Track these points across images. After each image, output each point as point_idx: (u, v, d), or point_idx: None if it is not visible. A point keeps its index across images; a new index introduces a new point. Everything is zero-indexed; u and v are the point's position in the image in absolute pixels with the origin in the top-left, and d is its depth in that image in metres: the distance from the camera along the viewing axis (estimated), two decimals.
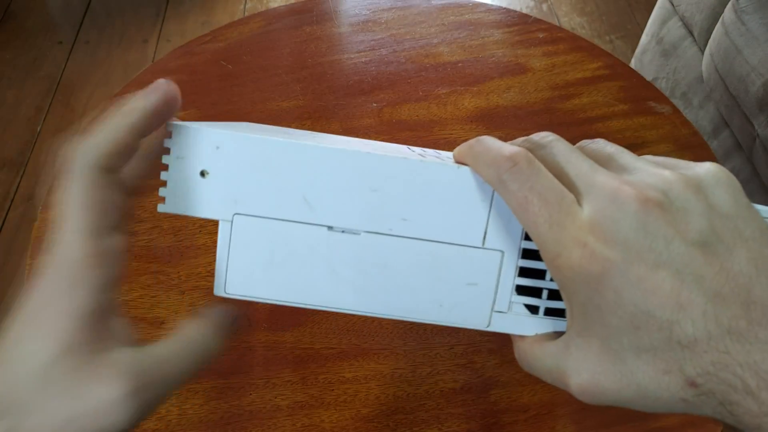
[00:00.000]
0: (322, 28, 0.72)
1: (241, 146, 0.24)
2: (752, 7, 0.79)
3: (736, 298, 0.20)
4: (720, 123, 0.92)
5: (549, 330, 0.26)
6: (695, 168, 0.24)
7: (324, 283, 0.25)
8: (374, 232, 0.24)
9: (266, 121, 0.63)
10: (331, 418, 0.44)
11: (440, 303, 0.25)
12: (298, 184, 0.24)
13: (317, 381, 0.45)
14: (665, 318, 0.21)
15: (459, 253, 0.25)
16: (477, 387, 0.46)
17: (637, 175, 0.23)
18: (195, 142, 0.23)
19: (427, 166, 0.24)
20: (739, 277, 0.21)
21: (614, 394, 0.22)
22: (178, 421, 0.44)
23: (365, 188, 0.24)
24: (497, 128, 0.62)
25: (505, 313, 0.26)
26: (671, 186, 0.22)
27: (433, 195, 0.24)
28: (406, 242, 0.25)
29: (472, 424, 0.44)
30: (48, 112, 1.41)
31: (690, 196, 0.22)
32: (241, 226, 0.24)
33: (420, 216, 0.25)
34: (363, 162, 0.24)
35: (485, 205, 0.25)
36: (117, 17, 1.63)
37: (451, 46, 0.70)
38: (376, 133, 0.62)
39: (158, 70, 0.68)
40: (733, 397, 0.20)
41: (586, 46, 0.70)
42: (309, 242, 0.24)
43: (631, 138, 0.61)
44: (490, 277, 0.25)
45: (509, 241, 0.25)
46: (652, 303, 0.21)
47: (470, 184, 0.25)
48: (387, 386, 0.45)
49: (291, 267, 0.24)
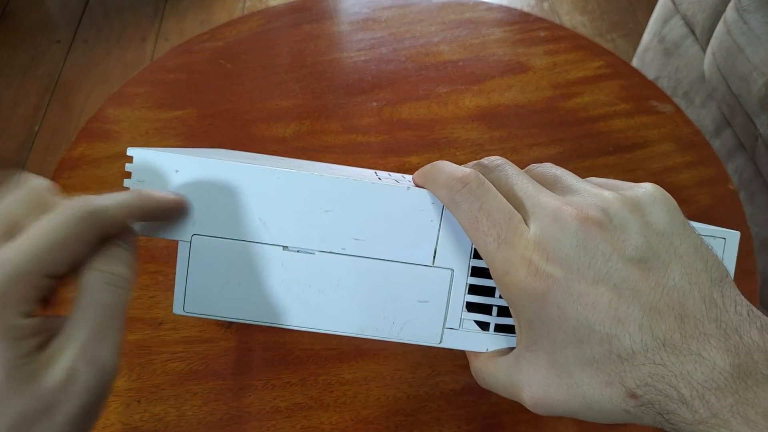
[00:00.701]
0: (321, 27, 0.72)
1: (199, 170, 0.25)
2: (754, 6, 0.79)
3: (670, 312, 0.21)
4: (722, 122, 0.91)
5: (502, 346, 0.27)
6: (634, 188, 0.25)
7: (279, 301, 0.26)
8: (328, 252, 0.25)
9: (266, 121, 0.63)
10: (331, 420, 0.44)
11: (393, 320, 0.26)
12: (254, 206, 0.25)
13: (317, 382, 0.45)
14: (605, 332, 0.22)
15: (410, 272, 0.26)
16: (478, 388, 0.45)
17: (579, 196, 0.25)
18: (155, 167, 0.24)
19: (378, 188, 0.25)
20: (674, 291, 0.22)
21: (562, 406, 0.23)
22: (177, 422, 0.43)
23: (319, 209, 0.25)
24: (498, 127, 0.61)
25: (457, 329, 0.27)
26: (610, 205, 0.23)
27: (384, 215, 0.26)
28: (359, 261, 0.26)
29: (473, 426, 0.44)
30: (46, 112, 1.40)
31: (627, 215, 0.23)
32: (200, 246, 0.25)
33: (372, 236, 0.26)
34: (316, 184, 0.25)
35: (435, 225, 0.26)
36: (115, 16, 1.63)
37: (452, 44, 0.70)
38: (376, 132, 0.62)
39: (157, 69, 0.67)
40: (670, 407, 0.21)
41: (587, 45, 0.69)
42: (264, 262, 0.25)
43: (632, 137, 0.60)
44: (440, 295, 0.26)
45: (459, 259, 0.26)
46: (592, 317, 0.22)
47: (420, 205, 0.26)
48: (387, 388, 0.45)
49: (247, 286, 0.25)
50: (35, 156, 1.32)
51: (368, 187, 0.25)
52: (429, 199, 0.26)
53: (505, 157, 0.27)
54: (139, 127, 0.62)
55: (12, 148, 1.34)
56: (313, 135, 0.62)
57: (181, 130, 0.62)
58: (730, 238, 0.28)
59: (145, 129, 0.62)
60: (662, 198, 0.24)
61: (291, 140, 0.61)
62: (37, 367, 0.20)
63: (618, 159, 0.58)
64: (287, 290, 0.26)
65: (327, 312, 0.26)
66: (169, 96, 0.64)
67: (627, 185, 0.26)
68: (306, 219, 0.25)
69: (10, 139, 1.35)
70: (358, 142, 0.61)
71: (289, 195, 0.25)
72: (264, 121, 0.63)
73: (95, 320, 0.22)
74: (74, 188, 0.58)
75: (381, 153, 0.60)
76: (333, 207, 0.25)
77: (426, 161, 0.59)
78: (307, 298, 0.26)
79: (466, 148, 0.60)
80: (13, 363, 0.20)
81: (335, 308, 0.26)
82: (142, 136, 0.61)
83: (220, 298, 0.25)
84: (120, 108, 0.64)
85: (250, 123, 0.63)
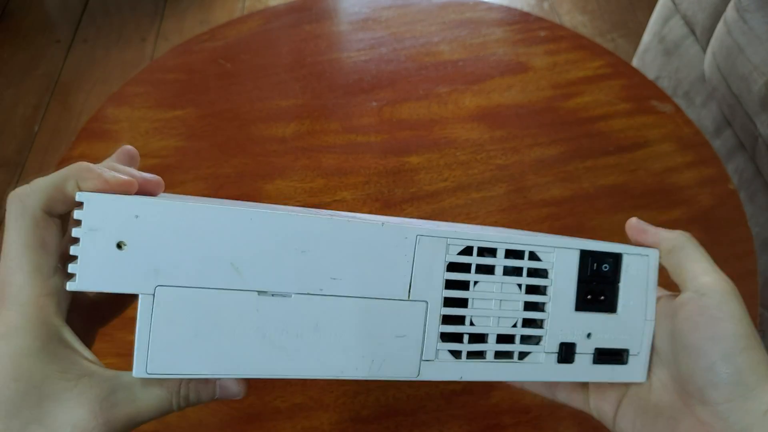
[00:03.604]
0: (321, 27, 0.72)
1: (162, 214, 0.23)
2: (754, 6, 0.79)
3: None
4: (722, 122, 0.91)
5: (474, 374, 0.27)
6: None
7: (255, 351, 0.24)
8: (305, 293, 0.25)
9: (265, 121, 0.63)
10: (331, 420, 0.44)
11: (372, 358, 0.26)
12: (224, 250, 0.23)
13: (317, 383, 0.45)
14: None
15: (387, 307, 0.26)
16: (478, 388, 0.45)
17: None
18: (110, 212, 0.22)
19: (354, 226, 0.25)
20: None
21: None
22: (178, 423, 0.43)
23: (294, 250, 0.24)
24: (498, 127, 0.61)
25: (433, 361, 0.27)
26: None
27: (360, 253, 0.25)
28: (337, 301, 0.25)
29: (474, 426, 0.44)
30: (46, 111, 1.40)
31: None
32: (164, 298, 0.23)
33: (349, 274, 0.25)
34: (290, 224, 0.24)
35: (409, 260, 0.26)
36: (115, 16, 1.63)
37: (452, 44, 0.70)
38: (376, 132, 0.62)
39: (156, 69, 0.67)
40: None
41: (587, 45, 0.69)
42: (238, 309, 0.24)
43: (633, 137, 0.60)
44: (417, 328, 0.26)
45: (431, 291, 0.26)
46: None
47: (393, 240, 0.26)
48: (387, 388, 0.45)
49: (219, 337, 0.24)
50: (35, 156, 1.32)
51: (343, 224, 0.25)
52: (403, 234, 0.26)
53: (505, 157, 0.27)
54: (139, 126, 0.62)
55: (12, 148, 1.33)
56: (313, 135, 0.62)
57: (180, 130, 0.62)
58: (652, 255, 0.30)
59: (145, 129, 0.62)
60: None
61: (291, 140, 0.61)
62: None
63: (618, 159, 0.58)
64: (263, 338, 0.24)
65: (305, 357, 0.25)
66: (168, 96, 0.64)
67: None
68: (281, 261, 0.24)
69: (10, 139, 1.35)
70: (358, 142, 0.61)
71: (262, 237, 0.24)
72: (264, 121, 0.63)
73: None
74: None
75: (381, 153, 0.60)
76: (309, 247, 0.24)
77: (426, 161, 0.59)
78: (285, 345, 0.24)
79: (466, 148, 0.60)
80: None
81: (314, 352, 0.25)
82: (141, 136, 0.61)
83: (189, 355, 0.23)
84: (120, 108, 0.64)
85: (250, 123, 0.62)
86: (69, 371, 0.23)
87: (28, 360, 0.22)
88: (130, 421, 0.24)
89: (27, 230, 0.23)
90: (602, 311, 0.29)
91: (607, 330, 0.29)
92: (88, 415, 0.22)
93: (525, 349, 0.28)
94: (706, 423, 0.27)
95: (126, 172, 0.24)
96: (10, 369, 0.22)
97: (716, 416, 0.26)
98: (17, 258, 0.22)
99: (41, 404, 0.22)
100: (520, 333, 0.28)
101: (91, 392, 0.23)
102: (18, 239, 0.22)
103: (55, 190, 0.23)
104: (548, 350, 0.28)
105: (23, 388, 0.22)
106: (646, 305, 0.30)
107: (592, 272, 0.29)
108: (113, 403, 0.23)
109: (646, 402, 0.30)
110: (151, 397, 0.24)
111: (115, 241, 0.22)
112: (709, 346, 0.26)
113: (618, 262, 0.29)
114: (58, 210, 0.24)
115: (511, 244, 0.28)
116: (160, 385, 0.24)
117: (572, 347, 0.29)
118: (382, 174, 0.58)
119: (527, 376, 0.28)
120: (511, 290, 0.28)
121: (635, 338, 0.30)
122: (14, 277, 0.22)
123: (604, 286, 0.29)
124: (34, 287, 0.23)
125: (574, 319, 0.29)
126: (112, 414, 0.23)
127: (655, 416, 0.29)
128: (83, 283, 0.22)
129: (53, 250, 0.23)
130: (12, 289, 0.22)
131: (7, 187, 1.27)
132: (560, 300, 0.29)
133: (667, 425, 0.28)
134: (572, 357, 0.29)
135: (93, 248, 0.22)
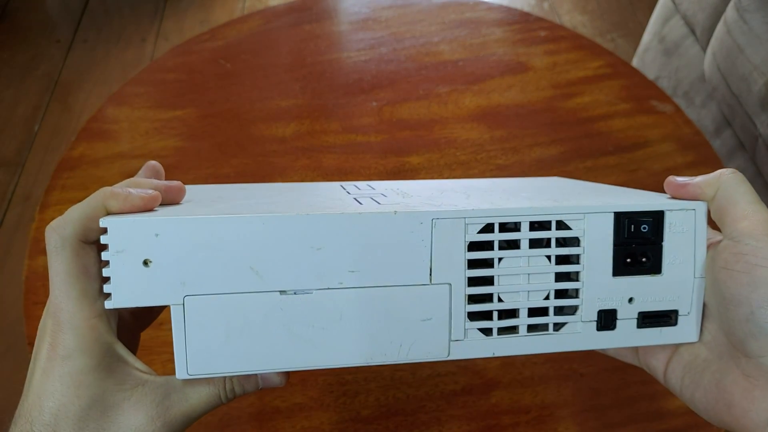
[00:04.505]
0: (321, 27, 0.72)
1: (180, 229, 0.24)
2: (754, 6, 0.79)
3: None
4: (722, 122, 0.91)
5: (507, 349, 0.27)
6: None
7: (284, 346, 0.25)
8: (325, 288, 0.25)
9: (265, 120, 0.63)
10: (331, 420, 0.44)
11: (399, 343, 0.26)
12: (243, 256, 0.25)
13: (317, 383, 0.45)
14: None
15: (409, 293, 0.26)
16: (478, 388, 0.45)
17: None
18: (132, 234, 0.24)
19: (365, 217, 0.25)
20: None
21: None
22: None
23: (309, 248, 0.25)
24: (498, 127, 0.61)
25: (462, 340, 0.27)
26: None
27: (376, 243, 0.25)
28: (358, 292, 0.26)
29: (473, 426, 0.44)
30: (46, 112, 1.40)
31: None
32: (193, 306, 0.25)
33: (367, 265, 0.25)
34: (302, 224, 0.25)
35: (426, 245, 0.26)
36: (115, 16, 1.63)
37: (452, 44, 0.70)
38: (376, 132, 0.62)
39: (156, 69, 0.67)
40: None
41: (587, 45, 0.69)
42: (263, 310, 0.25)
43: (633, 137, 0.60)
44: (442, 310, 0.26)
45: (454, 272, 0.26)
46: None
47: (409, 227, 0.26)
48: (387, 388, 0.45)
49: (249, 337, 0.25)
50: (35, 156, 1.32)
51: (355, 218, 0.25)
52: (417, 219, 0.25)
53: (505, 157, 0.27)
54: (139, 126, 0.62)
55: (12, 148, 1.33)
56: (313, 135, 0.62)
57: (181, 130, 0.62)
58: (699, 208, 0.28)
59: (145, 129, 0.62)
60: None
61: (291, 140, 0.61)
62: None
63: (618, 159, 0.58)
64: (290, 333, 0.25)
65: (333, 347, 0.26)
66: (168, 96, 0.64)
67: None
68: (298, 260, 0.25)
69: (10, 139, 1.35)
70: (358, 141, 0.61)
71: (277, 239, 0.25)
72: (264, 121, 0.63)
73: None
74: (74, 188, 0.58)
75: (381, 153, 0.60)
76: (323, 244, 0.25)
77: (426, 161, 0.59)
78: (312, 338, 0.25)
79: (466, 147, 0.60)
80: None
81: (341, 342, 0.26)
82: (141, 136, 0.61)
83: (224, 355, 0.25)
84: (120, 108, 0.64)
85: (250, 123, 0.62)
86: (125, 383, 0.26)
87: (88, 377, 0.25)
88: (186, 418, 0.26)
89: (68, 260, 0.25)
90: (645, 273, 0.27)
91: (651, 293, 0.27)
92: (146, 420, 0.25)
93: (560, 321, 0.27)
94: (750, 377, 0.25)
95: (149, 184, 0.27)
96: (74, 387, 0.24)
97: (760, 369, 0.25)
98: (64, 287, 0.24)
99: (104, 416, 0.25)
100: (553, 305, 0.27)
101: (146, 399, 0.26)
102: (62, 270, 0.25)
103: (88, 220, 0.25)
104: (585, 319, 0.27)
105: (86, 403, 0.24)
106: (695, 262, 0.28)
107: (630, 234, 0.27)
108: (168, 406, 0.26)
109: (695, 357, 0.28)
110: (201, 394, 0.27)
111: (141, 260, 0.24)
112: (747, 294, 0.24)
113: (660, 220, 0.27)
114: (93, 237, 0.25)
115: (536, 215, 0.26)
116: (207, 383, 0.27)
117: (613, 314, 0.27)
118: (382, 174, 0.58)
119: (565, 346, 0.27)
120: (539, 263, 0.27)
121: (684, 298, 0.28)
122: (64, 304, 0.24)
123: (645, 248, 0.27)
124: (83, 311, 0.25)
125: (612, 285, 0.27)
126: (169, 415, 0.26)
127: (702, 371, 0.27)
128: (118, 300, 0.24)
129: (95, 274, 0.25)
130: (65, 315, 0.24)
131: (7, 187, 1.27)
132: (596, 267, 0.27)
133: (712, 379, 0.26)
134: (613, 323, 0.27)
135: (122, 268, 0.24)
